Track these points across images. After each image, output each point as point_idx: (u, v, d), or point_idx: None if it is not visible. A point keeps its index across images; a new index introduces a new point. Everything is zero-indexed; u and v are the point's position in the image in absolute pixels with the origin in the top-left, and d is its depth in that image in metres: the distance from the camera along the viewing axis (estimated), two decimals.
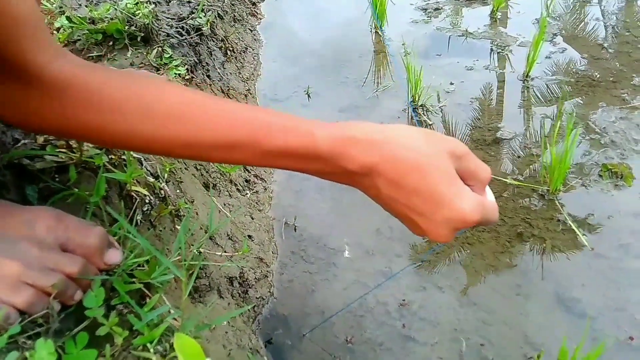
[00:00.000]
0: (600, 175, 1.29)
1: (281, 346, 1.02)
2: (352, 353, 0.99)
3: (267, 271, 1.14)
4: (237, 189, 1.21)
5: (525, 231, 1.18)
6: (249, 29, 1.98)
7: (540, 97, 1.58)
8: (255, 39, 1.97)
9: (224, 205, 1.11)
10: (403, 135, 0.53)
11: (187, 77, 1.23)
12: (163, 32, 1.29)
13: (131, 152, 0.84)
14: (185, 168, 1.05)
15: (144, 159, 0.89)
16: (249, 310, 1.03)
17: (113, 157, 0.81)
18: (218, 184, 1.15)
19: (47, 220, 0.59)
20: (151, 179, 0.87)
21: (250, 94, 1.65)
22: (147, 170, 0.88)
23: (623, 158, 1.33)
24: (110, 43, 1.20)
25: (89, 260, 0.62)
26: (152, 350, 0.64)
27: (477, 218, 0.52)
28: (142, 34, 1.22)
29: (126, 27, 1.21)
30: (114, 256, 0.66)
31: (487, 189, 0.61)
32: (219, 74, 1.48)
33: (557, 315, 1.02)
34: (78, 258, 0.59)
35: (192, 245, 0.94)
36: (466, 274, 1.11)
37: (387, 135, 0.53)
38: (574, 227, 1.17)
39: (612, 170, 1.28)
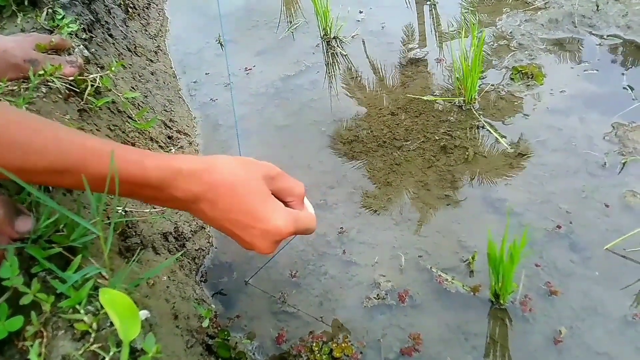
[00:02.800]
0: (512, 79, 1.33)
1: (229, 293, 1.02)
2: (298, 287, 1.00)
3: (203, 223, 1.12)
4: (160, 146, 1.17)
5: (448, 143, 1.21)
6: None
7: (447, 13, 1.60)
8: None
9: None
10: (222, 164, 0.62)
11: (85, 37, 1.15)
12: None
13: None
14: (97, 129, 0.99)
15: None
16: (189, 262, 1.02)
17: None
18: (137, 143, 1.10)
19: None
20: None
21: (161, 50, 1.58)
22: None
23: (532, 59, 1.38)
24: None
25: None
26: (82, 311, 0.62)
27: (291, 230, 0.64)
28: None
29: None
30: (24, 224, 0.63)
31: (307, 202, 0.75)
32: (122, 32, 1.40)
33: (486, 217, 1.07)
34: None
35: (118, 206, 0.91)
36: (398, 194, 1.14)
37: (209, 165, 0.61)
38: (492, 132, 1.21)
39: (523, 71, 1.33)
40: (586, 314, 0.88)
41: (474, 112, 1.27)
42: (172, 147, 1.19)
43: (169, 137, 1.22)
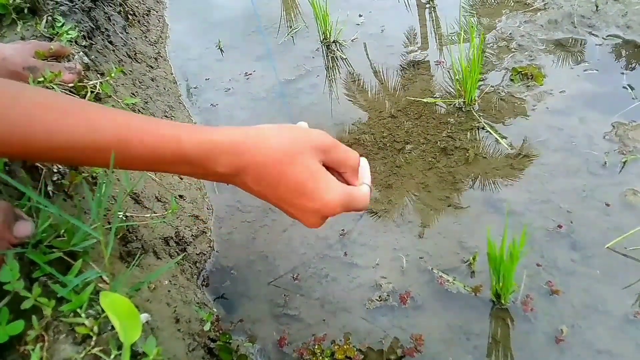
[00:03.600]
0: (512, 80, 1.33)
1: (231, 297, 1.02)
2: (300, 289, 1.00)
3: (205, 227, 1.13)
4: None
5: (448, 145, 1.21)
6: None
7: (446, 15, 1.60)
8: (157, 1, 1.88)
9: None
10: (267, 136, 0.58)
11: (84, 44, 1.16)
12: (51, 0, 1.21)
13: None
14: None
15: None
16: (190, 266, 1.02)
17: None
18: None
19: None
20: None
21: (161, 56, 1.59)
22: None
23: (532, 60, 1.38)
24: None
25: None
26: (83, 315, 0.62)
27: (343, 208, 0.60)
28: (28, 5, 1.14)
29: (10, 1, 1.13)
30: (24, 229, 0.64)
31: (365, 175, 0.67)
32: (122, 39, 1.41)
33: (487, 218, 1.06)
34: None
35: (119, 211, 0.92)
36: (399, 196, 1.14)
37: (251, 136, 0.57)
38: (492, 133, 1.22)
39: (523, 72, 1.33)
40: (588, 312, 0.88)
41: (474, 113, 1.27)
42: None
43: None
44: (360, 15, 1.66)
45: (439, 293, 0.95)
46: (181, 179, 1.16)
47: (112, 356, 0.59)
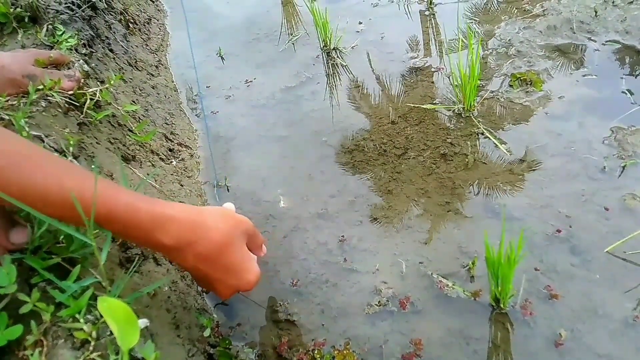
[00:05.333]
0: (511, 85, 1.34)
1: (231, 303, 1.02)
2: (300, 295, 1.00)
3: None
4: (161, 159, 1.18)
5: (448, 151, 1.22)
6: (151, 0, 1.90)
7: (445, 22, 1.61)
8: (158, 10, 1.90)
9: (147, 175, 1.08)
10: (210, 219, 0.71)
11: (84, 51, 1.17)
12: (52, 9, 1.22)
13: (25, 128, 0.80)
14: (97, 142, 1.01)
15: (45, 136, 0.85)
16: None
17: None
18: (138, 156, 1.11)
19: None
20: (56, 155, 0.83)
21: (162, 64, 1.60)
22: (50, 146, 0.85)
23: (530, 65, 1.39)
24: None
25: None
26: (82, 320, 0.62)
27: (256, 284, 0.79)
28: (29, 14, 1.16)
29: (11, 10, 1.14)
30: (20, 235, 0.64)
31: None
32: (122, 47, 1.42)
33: (486, 223, 1.06)
34: None
35: None
36: (399, 201, 1.14)
37: (200, 218, 0.69)
38: (492, 138, 1.22)
39: (521, 78, 1.33)
40: (587, 316, 0.87)
41: (473, 119, 1.28)
42: (173, 160, 1.21)
43: (170, 150, 1.24)
44: (360, 23, 1.68)
45: (439, 298, 0.95)
46: (182, 185, 1.17)
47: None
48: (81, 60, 1.11)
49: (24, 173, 0.56)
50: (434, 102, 1.35)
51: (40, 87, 0.92)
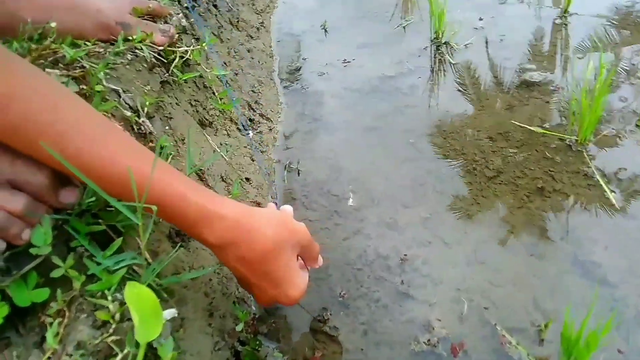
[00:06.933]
0: (638, 126, 1.14)
1: None
2: (346, 308, 0.93)
3: None
4: (238, 128, 1.14)
5: (546, 185, 1.07)
6: None
7: (578, 37, 1.41)
8: None
9: (220, 145, 1.04)
10: (261, 225, 0.65)
11: (186, 5, 1.14)
12: None
13: (103, 81, 0.77)
14: (177, 103, 0.97)
15: (123, 91, 0.82)
16: None
17: (84, 87, 0.74)
18: (215, 122, 1.07)
19: None
20: (128, 113, 0.80)
21: (264, 27, 1.54)
22: (126, 103, 0.82)
23: None
24: None
25: (40, 199, 0.58)
26: (110, 297, 0.59)
27: (298, 300, 0.72)
28: None
29: None
30: (69, 195, 0.62)
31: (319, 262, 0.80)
32: (227, 3, 1.38)
33: (572, 280, 0.93)
34: (22, 195, 0.55)
35: None
36: (477, 230, 1.02)
37: (250, 219, 0.64)
38: (602, 183, 1.05)
39: None
40: None
41: (585, 155, 1.11)
42: (250, 131, 1.16)
43: (250, 120, 1.19)
44: (480, 19, 1.52)
45: (497, 354, 0.84)
46: (253, 160, 1.12)
47: (126, 351, 0.55)
48: (181, 14, 1.07)
49: (81, 142, 0.54)
50: (544, 125, 1.19)
51: (131, 38, 0.89)
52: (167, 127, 0.92)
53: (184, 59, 0.99)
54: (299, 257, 0.75)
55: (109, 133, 0.59)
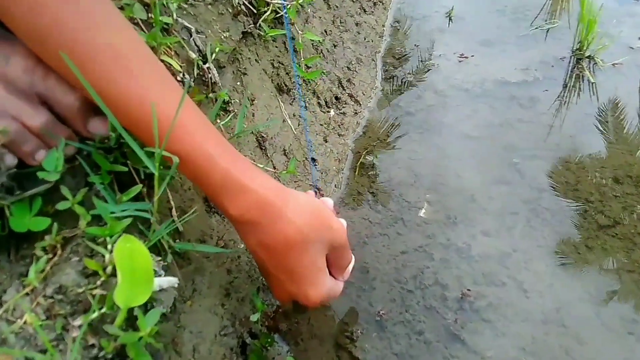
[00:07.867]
0: None
1: None
2: (381, 330, 0.80)
3: None
4: (319, 103, 1.03)
5: None
6: None
7: None
8: None
9: (294, 115, 0.94)
10: (291, 208, 0.56)
11: None
12: None
13: (174, 14, 0.70)
14: (256, 60, 0.89)
15: (196, 31, 0.75)
16: None
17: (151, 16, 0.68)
18: (295, 91, 0.98)
19: (26, 60, 0.50)
20: (194, 55, 0.72)
21: (382, 2, 1.41)
22: (195, 44, 0.74)
23: None
24: None
25: (67, 122, 0.53)
26: (110, 245, 0.52)
27: (318, 304, 0.62)
28: None
29: None
30: (98, 125, 0.55)
31: (348, 273, 0.68)
32: None
33: None
34: (44, 112, 0.50)
35: None
36: (569, 285, 0.83)
37: (280, 201, 0.55)
38: None
39: None
40: None
41: None
42: (332, 110, 1.05)
43: (336, 98, 1.08)
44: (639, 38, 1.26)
45: None
46: (326, 141, 1.01)
47: (103, 310, 0.48)
48: None
49: (111, 66, 0.48)
50: None
51: None
52: (238, 83, 0.84)
53: (277, 15, 0.90)
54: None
55: (146, 65, 0.51)
